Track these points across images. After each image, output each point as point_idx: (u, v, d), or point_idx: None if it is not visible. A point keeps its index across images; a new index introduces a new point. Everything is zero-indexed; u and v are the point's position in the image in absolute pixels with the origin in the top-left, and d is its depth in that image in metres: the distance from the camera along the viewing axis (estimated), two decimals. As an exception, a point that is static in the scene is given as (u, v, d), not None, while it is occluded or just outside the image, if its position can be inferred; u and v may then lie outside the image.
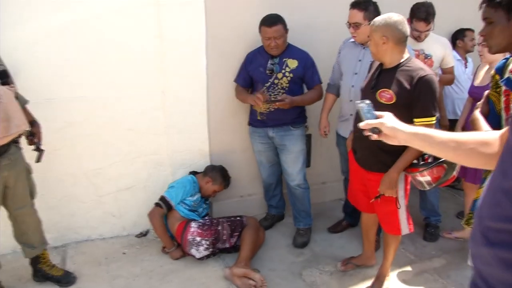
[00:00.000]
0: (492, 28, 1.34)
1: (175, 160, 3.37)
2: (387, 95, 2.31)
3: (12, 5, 2.68)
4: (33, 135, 2.56)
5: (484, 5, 1.46)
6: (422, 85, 2.24)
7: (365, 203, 2.75)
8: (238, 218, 3.17)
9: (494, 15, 1.33)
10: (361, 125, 1.42)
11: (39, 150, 2.57)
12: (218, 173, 3.30)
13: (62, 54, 2.85)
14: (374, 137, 1.41)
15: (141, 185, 3.35)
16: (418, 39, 3.26)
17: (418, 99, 2.26)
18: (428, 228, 3.43)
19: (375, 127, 1.39)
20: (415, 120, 2.29)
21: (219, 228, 3.08)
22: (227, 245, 3.09)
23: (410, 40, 3.22)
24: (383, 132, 1.39)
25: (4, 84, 2.26)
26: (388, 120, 1.40)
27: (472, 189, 3.13)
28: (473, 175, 3.07)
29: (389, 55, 2.32)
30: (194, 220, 3.12)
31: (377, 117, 1.43)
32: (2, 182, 2.42)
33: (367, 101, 1.51)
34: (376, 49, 2.32)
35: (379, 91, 2.34)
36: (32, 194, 2.64)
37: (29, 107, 2.57)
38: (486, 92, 2.16)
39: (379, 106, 2.32)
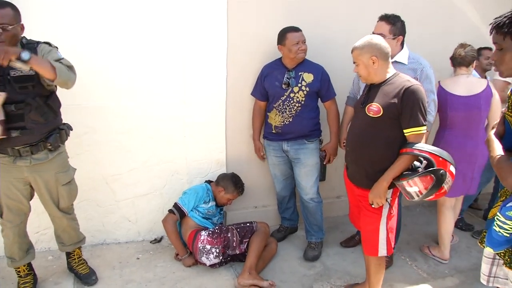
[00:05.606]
0: (503, 55, 1.38)
1: (192, 169, 3.44)
2: (374, 108, 2.35)
3: (38, 12, 2.78)
4: None
5: (493, 31, 1.50)
6: (409, 95, 2.26)
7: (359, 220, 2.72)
8: (248, 224, 3.18)
9: (503, 42, 1.37)
10: None
11: None
12: (229, 181, 3.31)
13: (89, 62, 2.94)
14: None
15: (157, 192, 3.42)
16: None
17: (406, 109, 2.28)
18: None
19: None
20: (405, 130, 2.31)
21: (229, 235, 3.10)
22: (237, 252, 3.11)
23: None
24: None
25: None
26: None
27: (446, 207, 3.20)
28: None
29: (379, 73, 2.38)
30: (204, 228, 3.16)
31: None
32: (23, 182, 2.53)
33: None
34: (367, 71, 2.37)
35: (367, 106, 2.40)
36: (58, 204, 2.66)
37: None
38: (503, 111, 2.16)
39: (368, 120, 2.39)
